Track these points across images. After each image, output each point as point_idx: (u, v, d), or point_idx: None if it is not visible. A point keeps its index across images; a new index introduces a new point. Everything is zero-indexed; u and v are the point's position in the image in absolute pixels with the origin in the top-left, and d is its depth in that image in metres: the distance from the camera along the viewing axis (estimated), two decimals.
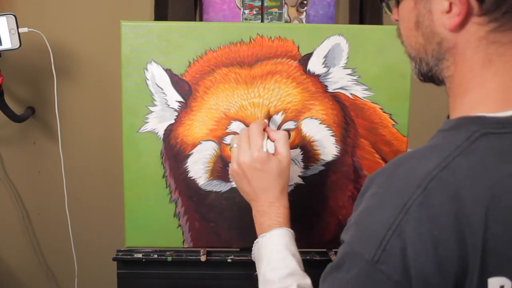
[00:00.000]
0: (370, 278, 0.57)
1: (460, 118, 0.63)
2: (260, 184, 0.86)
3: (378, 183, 0.61)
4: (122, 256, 1.05)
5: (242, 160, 0.87)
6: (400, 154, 1.03)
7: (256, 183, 0.87)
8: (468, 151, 0.58)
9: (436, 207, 0.56)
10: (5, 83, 1.50)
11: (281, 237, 0.84)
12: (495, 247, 0.55)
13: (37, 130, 1.64)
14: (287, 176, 0.88)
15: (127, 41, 1.00)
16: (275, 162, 0.87)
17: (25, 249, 1.70)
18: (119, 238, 1.12)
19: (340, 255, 0.62)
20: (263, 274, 0.82)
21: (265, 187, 0.86)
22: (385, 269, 0.56)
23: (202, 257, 1.03)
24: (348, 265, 0.60)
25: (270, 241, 0.84)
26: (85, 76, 1.61)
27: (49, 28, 1.50)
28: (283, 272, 0.80)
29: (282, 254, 0.82)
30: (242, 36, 1.01)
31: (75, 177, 1.62)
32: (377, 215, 0.59)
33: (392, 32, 1.01)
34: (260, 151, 0.86)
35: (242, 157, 0.87)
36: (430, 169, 0.57)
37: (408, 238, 0.56)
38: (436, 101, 1.74)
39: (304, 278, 0.81)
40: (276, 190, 0.86)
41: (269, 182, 0.86)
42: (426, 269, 0.55)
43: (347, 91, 1.03)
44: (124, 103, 1.02)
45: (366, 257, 0.57)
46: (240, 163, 0.87)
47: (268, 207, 0.86)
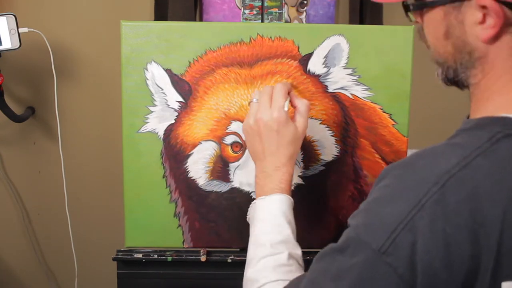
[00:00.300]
0: (374, 268, 0.57)
1: (482, 118, 0.63)
2: (272, 145, 0.85)
3: (394, 175, 0.61)
4: (122, 256, 1.05)
5: (260, 116, 0.85)
6: (400, 154, 1.04)
7: (268, 143, 0.85)
8: (489, 151, 0.58)
9: (451, 205, 0.56)
10: (5, 83, 1.50)
11: (281, 203, 0.83)
12: (511, 250, 0.55)
13: (37, 130, 1.64)
14: (299, 145, 0.87)
15: (127, 41, 1.00)
16: (292, 127, 0.85)
17: (25, 249, 1.70)
18: (119, 238, 1.12)
19: (344, 238, 0.62)
20: (256, 235, 0.81)
21: (275, 150, 0.85)
22: (392, 261, 0.56)
23: (202, 257, 1.03)
24: (352, 250, 0.60)
25: (269, 205, 0.83)
26: (85, 76, 1.61)
27: (49, 28, 1.50)
28: (277, 237, 0.80)
29: (278, 220, 0.81)
30: (242, 36, 1.01)
31: (75, 177, 1.62)
32: (390, 206, 0.58)
33: (392, 32, 1.02)
34: (281, 112, 0.84)
35: (261, 113, 0.85)
36: (450, 167, 0.57)
37: (420, 234, 0.56)
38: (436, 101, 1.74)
39: (295, 248, 0.80)
40: (286, 156, 0.85)
41: (281, 146, 0.85)
42: (435, 265, 0.55)
43: (347, 91, 1.03)
44: (124, 103, 1.02)
45: (373, 246, 0.57)
46: (257, 119, 0.85)
47: (274, 170, 0.84)
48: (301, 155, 1.03)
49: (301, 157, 1.03)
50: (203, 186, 1.04)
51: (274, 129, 0.84)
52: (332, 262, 0.62)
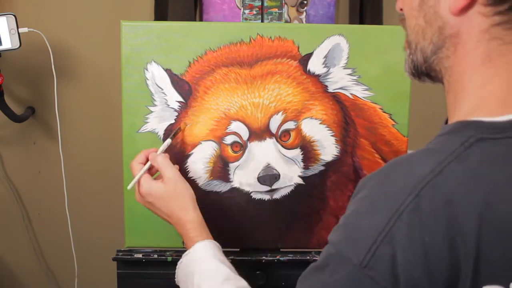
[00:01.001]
0: (357, 283, 0.56)
1: (457, 122, 0.61)
2: (161, 211, 0.90)
3: (370, 186, 0.60)
4: (122, 256, 1.04)
5: (137, 198, 0.92)
6: (400, 154, 1.04)
7: (160, 212, 0.91)
8: (462, 156, 0.57)
9: (428, 214, 0.54)
10: (5, 83, 1.50)
11: (206, 249, 0.85)
12: (489, 255, 0.54)
13: (37, 130, 1.64)
14: (180, 193, 0.89)
15: (127, 41, 1.00)
16: (159, 189, 0.89)
17: (25, 249, 1.70)
18: (119, 238, 1.12)
19: (324, 255, 0.60)
20: (198, 285, 0.81)
21: (168, 213, 0.89)
22: (373, 274, 0.55)
23: None
24: (332, 267, 0.58)
25: (195, 256, 0.85)
26: (85, 76, 1.61)
27: (49, 28, 1.50)
28: (218, 277, 0.80)
29: (212, 265, 0.83)
30: (242, 36, 1.01)
31: (75, 177, 1.62)
32: (368, 218, 0.57)
33: (392, 32, 1.02)
34: (142, 186, 0.90)
35: (136, 197, 0.92)
36: (424, 175, 0.56)
37: (399, 244, 0.54)
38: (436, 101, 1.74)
39: (239, 281, 0.81)
40: (175, 212, 0.89)
41: (166, 207, 0.89)
42: (416, 275, 0.54)
43: (347, 91, 1.03)
44: (124, 103, 1.02)
45: (354, 261, 0.56)
46: (138, 201, 0.92)
47: (179, 228, 0.89)
48: (301, 155, 1.03)
49: (301, 157, 1.03)
50: (203, 186, 1.03)
51: (149, 201, 0.90)
52: (314, 282, 0.60)
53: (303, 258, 1.04)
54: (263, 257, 1.04)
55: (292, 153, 1.03)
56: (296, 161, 1.03)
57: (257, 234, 1.06)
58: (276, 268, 1.05)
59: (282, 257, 1.04)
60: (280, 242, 1.06)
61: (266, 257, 1.04)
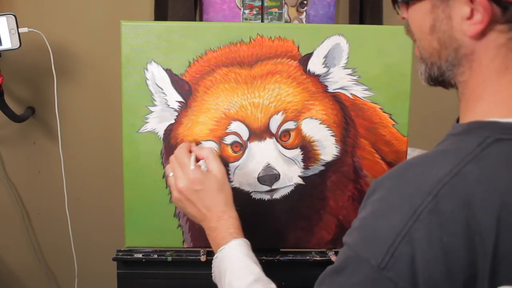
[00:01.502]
0: (375, 285, 0.56)
1: (472, 122, 0.62)
2: (204, 203, 0.88)
3: (386, 187, 0.60)
4: (122, 256, 1.04)
5: (181, 186, 0.88)
6: (400, 154, 1.04)
7: (200, 203, 0.88)
8: (479, 157, 0.57)
9: (446, 214, 0.55)
10: (5, 83, 1.50)
11: (240, 246, 0.85)
12: (506, 255, 0.55)
13: (37, 130, 1.64)
14: (228, 189, 0.90)
15: (127, 41, 1.00)
16: (211, 179, 0.88)
17: (25, 249, 1.70)
18: (119, 238, 1.12)
19: (342, 258, 0.61)
20: (229, 283, 0.82)
21: (209, 205, 0.88)
22: (392, 276, 0.55)
23: (202, 257, 1.03)
24: (351, 269, 0.59)
25: (229, 253, 0.84)
26: (85, 76, 1.61)
27: (49, 28, 1.50)
28: (249, 278, 0.81)
29: (244, 262, 0.83)
30: (242, 36, 1.00)
31: (75, 177, 1.62)
32: (385, 220, 0.58)
33: (392, 32, 1.02)
34: (195, 172, 0.88)
35: (180, 183, 0.88)
36: (442, 176, 0.57)
37: (418, 245, 0.55)
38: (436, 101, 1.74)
39: (269, 284, 0.81)
40: (221, 204, 0.88)
41: (212, 199, 0.88)
42: (434, 275, 0.55)
43: (347, 91, 1.03)
44: (124, 103, 1.02)
45: (372, 262, 0.56)
46: (179, 189, 0.88)
47: (218, 222, 0.87)
48: (301, 155, 1.03)
49: (301, 157, 1.03)
50: None
51: (197, 190, 0.88)
52: (332, 285, 0.61)
53: (303, 258, 1.04)
54: (263, 257, 1.04)
55: (292, 153, 1.03)
56: (296, 161, 1.03)
57: (257, 234, 1.05)
58: (276, 268, 1.05)
59: (282, 257, 1.04)
60: (280, 242, 1.06)
61: (266, 257, 1.04)
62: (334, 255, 1.04)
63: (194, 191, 0.88)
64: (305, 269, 1.06)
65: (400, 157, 1.04)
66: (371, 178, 1.04)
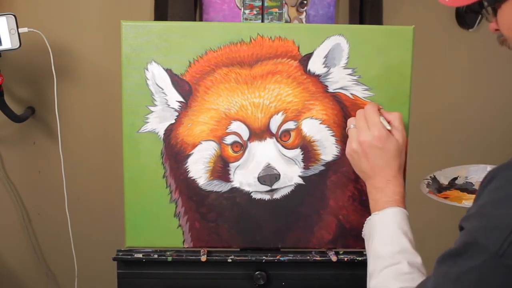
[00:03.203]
0: (493, 271, 0.60)
1: None
2: (379, 162, 0.89)
3: (504, 177, 0.63)
4: (122, 256, 1.04)
5: (363, 139, 0.89)
6: None
7: (375, 161, 0.89)
8: None
9: None
10: (5, 83, 1.50)
11: (395, 216, 0.86)
12: None
13: (37, 130, 1.64)
14: (404, 155, 0.91)
15: (127, 41, 1.00)
16: (393, 141, 0.90)
17: (25, 249, 1.70)
18: (119, 238, 1.12)
19: (461, 242, 0.64)
20: (375, 248, 0.85)
21: (383, 165, 0.89)
22: (509, 263, 0.58)
23: (203, 257, 1.03)
24: (470, 254, 0.62)
25: (384, 219, 0.86)
26: (85, 76, 1.61)
27: (49, 28, 1.50)
28: (394, 248, 0.83)
29: (394, 232, 0.85)
30: (242, 36, 1.01)
31: (75, 177, 1.62)
32: (504, 208, 0.60)
33: (392, 32, 1.02)
34: (381, 130, 0.89)
35: (363, 136, 0.90)
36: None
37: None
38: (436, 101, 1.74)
39: (415, 256, 0.83)
40: (394, 168, 0.89)
41: (388, 160, 0.89)
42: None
43: (348, 91, 1.03)
44: (124, 103, 1.02)
45: (491, 249, 0.59)
46: (361, 141, 0.90)
47: (385, 184, 0.88)
48: (302, 155, 1.03)
49: (301, 157, 1.03)
50: (203, 186, 1.04)
51: (378, 147, 0.89)
52: (452, 265, 0.64)
53: (303, 258, 1.04)
54: (263, 257, 1.04)
55: (292, 153, 1.03)
56: (296, 161, 1.03)
57: (257, 234, 1.06)
58: (276, 268, 1.05)
59: (282, 257, 1.04)
60: (280, 242, 1.06)
61: (266, 257, 1.04)
62: (334, 255, 1.04)
63: (375, 147, 0.89)
64: (305, 269, 1.06)
65: None
66: None
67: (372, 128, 0.90)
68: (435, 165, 1.22)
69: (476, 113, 1.83)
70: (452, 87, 1.78)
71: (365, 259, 1.02)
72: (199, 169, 1.03)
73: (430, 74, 1.72)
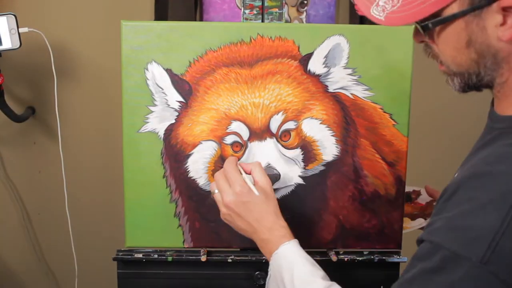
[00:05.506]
0: (477, 280, 0.60)
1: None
2: (253, 215, 0.87)
3: (473, 186, 0.64)
4: (123, 256, 1.04)
5: (228, 200, 0.87)
6: (400, 154, 1.03)
7: (249, 216, 0.87)
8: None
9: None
10: (5, 83, 1.50)
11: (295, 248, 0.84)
12: None
13: (37, 130, 1.64)
14: (274, 199, 0.89)
15: (127, 41, 1.00)
16: (258, 190, 0.88)
17: (25, 249, 1.70)
18: (119, 238, 1.12)
19: (437, 258, 0.63)
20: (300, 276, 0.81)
21: (258, 216, 0.87)
22: (494, 269, 0.59)
23: (203, 257, 1.03)
24: (450, 268, 0.62)
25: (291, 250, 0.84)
26: (85, 76, 1.61)
27: (49, 28, 1.50)
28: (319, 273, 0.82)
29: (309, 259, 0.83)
30: (242, 36, 1.00)
31: (75, 177, 1.62)
32: (479, 218, 0.61)
33: (392, 32, 1.02)
34: (242, 185, 0.87)
35: (226, 197, 0.87)
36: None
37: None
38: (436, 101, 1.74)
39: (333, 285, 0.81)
40: (270, 214, 0.87)
41: (261, 210, 0.87)
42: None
43: (348, 91, 1.03)
44: (124, 103, 1.02)
45: (474, 259, 0.60)
46: (226, 204, 0.88)
47: (269, 233, 0.86)
48: (302, 155, 1.03)
49: (301, 157, 1.03)
50: (203, 186, 1.03)
51: (245, 202, 0.87)
52: (427, 284, 0.63)
53: None
54: (263, 257, 1.04)
55: (293, 153, 1.03)
56: (296, 161, 1.03)
57: None
58: None
59: None
60: None
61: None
62: (334, 255, 1.04)
63: (242, 204, 0.87)
64: None
65: (401, 157, 1.04)
66: (371, 178, 1.04)
67: (234, 185, 0.87)
68: (435, 165, 1.22)
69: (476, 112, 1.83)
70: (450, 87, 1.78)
71: (366, 259, 1.02)
72: (199, 169, 1.03)
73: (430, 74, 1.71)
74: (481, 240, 0.60)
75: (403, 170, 1.05)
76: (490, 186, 0.62)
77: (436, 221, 0.65)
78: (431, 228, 0.66)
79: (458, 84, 0.71)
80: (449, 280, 0.61)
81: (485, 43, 0.66)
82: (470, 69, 0.69)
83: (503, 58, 0.66)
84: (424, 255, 0.65)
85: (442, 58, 0.71)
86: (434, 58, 0.73)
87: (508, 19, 0.63)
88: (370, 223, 1.06)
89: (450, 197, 0.65)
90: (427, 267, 0.64)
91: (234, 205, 0.87)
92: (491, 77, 0.69)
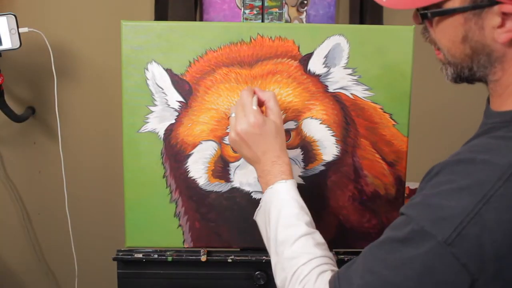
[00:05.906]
0: (439, 258, 0.62)
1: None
2: (260, 147, 0.88)
3: (454, 170, 0.65)
4: (123, 256, 1.05)
5: (240, 128, 0.88)
6: (400, 154, 1.04)
7: (256, 146, 0.88)
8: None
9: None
10: (5, 83, 1.50)
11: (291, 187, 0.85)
12: None
13: (37, 130, 1.64)
14: (283, 134, 0.91)
15: (128, 41, 1.00)
16: (270, 124, 0.89)
17: (25, 249, 1.70)
18: (119, 238, 1.12)
19: (406, 230, 0.65)
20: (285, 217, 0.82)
21: (265, 149, 0.88)
22: (456, 251, 0.61)
23: (203, 257, 1.03)
24: (415, 242, 0.63)
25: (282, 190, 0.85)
26: (85, 76, 1.61)
27: (49, 28, 1.50)
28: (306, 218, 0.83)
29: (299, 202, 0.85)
30: (242, 36, 1.01)
31: (75, 177, 1.62)
32: (454, 200, 0.62)
33: (392, 32, 1.02)
34: (256, 117, 0.88)
35: (240, 124, 0.88)
36: (511, 160, 0.62)
37: (487, 225, 0.60)
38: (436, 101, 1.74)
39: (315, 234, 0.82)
40: (276, 149, 0.88)
41: (269, 143, 0.88)
42: (501, 253, 0.60)
43: (348, 91, 1.03)
44: (124, 103, 1.02)
45: (439, 238, 0.61)
46: (238, 131, 0.88)
47: (271, 166, 0.88)
48: (302, 155, 1.03)
49: (301, 157, 1.03)
50: (203, 186, 1.04)
51: (256, 133, 0.87)
52: (392, 251, 0.65)
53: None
54: (263, 257, 1.04)
55: (293, 153, 1.03)
56: (296, 161, 1.03)
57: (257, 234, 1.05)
58: None
59: None
60: None
61: (266, 257, 1.04)
62: (334, 255, 1.04)
63: (253, 134, 0.88)
64: None
65: (401, 157, 1.04)
66: (371, 178, 1.04)
67: (248, 115, 0.88)
68: None
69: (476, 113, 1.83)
70: (452, 87, 1.78)
71: None
72: (199, 169, 1.03)
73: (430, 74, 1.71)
74: (450, 221, 0.61)
75: (403, 170, 1.05)
76: (471, 172, 0.64)
77: (416, 197, 0.67)
78: (410, 202, 0.68)
79: (451, 74, 0.73)
80: (413, 253, 0.63)
81: (480, 42, 0.67)
82: (463, 63, 0.70)
83: (497, 58, 0.68)
84: (397, 225, 0.67)
85: (439, 45, 0.72)
86: (431, 43, 0.74)
87: (507, 23, 0.64)
88: (370, 223, 1.06)
89: (432, 178, 0.67)
90: (397, 236, 0.66)
91: (244, 134, 0.88)
92: (483, 73, 0.70)
